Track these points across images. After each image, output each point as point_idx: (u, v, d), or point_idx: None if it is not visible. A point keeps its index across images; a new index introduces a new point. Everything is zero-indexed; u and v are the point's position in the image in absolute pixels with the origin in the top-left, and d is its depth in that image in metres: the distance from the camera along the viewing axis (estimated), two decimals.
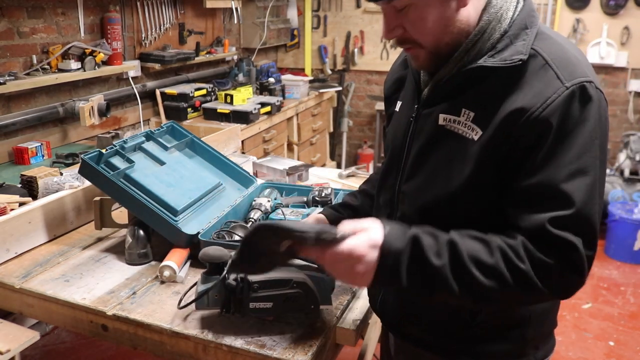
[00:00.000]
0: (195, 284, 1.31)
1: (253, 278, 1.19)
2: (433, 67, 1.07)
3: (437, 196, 1.06)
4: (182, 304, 1.29)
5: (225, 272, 1.20)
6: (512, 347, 1.13)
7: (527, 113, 0.94)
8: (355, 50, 5.16)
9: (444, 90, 1.05)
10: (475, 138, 0.99)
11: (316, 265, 1.28)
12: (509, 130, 0.95)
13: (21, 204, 1.77)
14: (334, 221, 1.36)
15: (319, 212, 1.48)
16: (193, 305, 1.27)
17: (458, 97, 1.03)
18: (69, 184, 1.81)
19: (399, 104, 1.22)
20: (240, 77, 4.21)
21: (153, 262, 1.57)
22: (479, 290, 0.94)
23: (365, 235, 0.95)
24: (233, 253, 1.22)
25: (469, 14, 1.00)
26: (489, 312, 1.09)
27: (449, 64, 1.04)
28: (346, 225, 0.97)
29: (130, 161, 1.69)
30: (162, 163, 1.78)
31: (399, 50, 1.18)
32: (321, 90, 4.64)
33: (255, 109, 3.58)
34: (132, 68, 3.28)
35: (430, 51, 1.03)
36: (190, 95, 3.55)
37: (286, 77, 4.51)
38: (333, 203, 1.64)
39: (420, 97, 1.12)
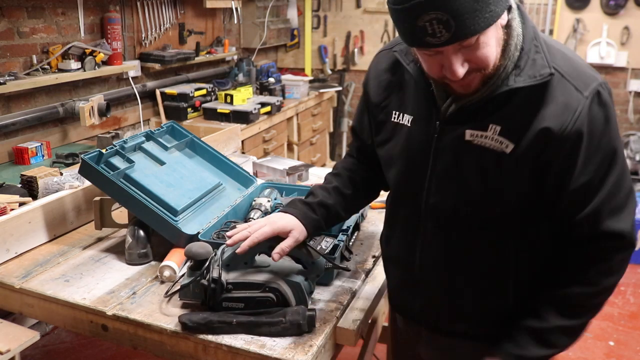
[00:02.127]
0: (183, 275, 1.38)
1: (227, 279, 1.25)
2: (474, 89, 1.06)
3: (470, 207, 1.11)
4: (169, 293, 1.36)
5: (202, 270, 1.26)
6: None
7: (561, 128, 1.01)
8: (355, 50, 5.16)
9: (471, 108, 1.07)
10: (507, 151, 1.04)
11: (302, 266, 1.31)
12: (545, 144, 1.02)
13: (21, 204, 1.77)
14: (310, 225, 1.27)
15: (285, 210, 1.29)
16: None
17: (485, 113, 1.06)
18: (69, 184, 1.81)
19: (402, 116, 1.19)
20: (240, 77, 4.21)
21: (153, 262, 1.57)
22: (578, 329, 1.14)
23: None
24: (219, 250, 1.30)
25: (503, 34, 1.02)
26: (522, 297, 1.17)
27: (486, 86, 1.05)
28: None
29: (130, 161, 1.69)
30: (162, 163, 1.78)
31: None
32: (321, 90, 4.64)
33: (255, 109, 3.58)
34: (132, 68, 3.28)
35: (488, 75, 1.03)
36: (190, 95, 3.55)
37: (286, 77, 4.51)
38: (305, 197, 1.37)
39: (438, 113, 1.12)
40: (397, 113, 1.20)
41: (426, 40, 0.94)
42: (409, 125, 1.18)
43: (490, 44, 0.99)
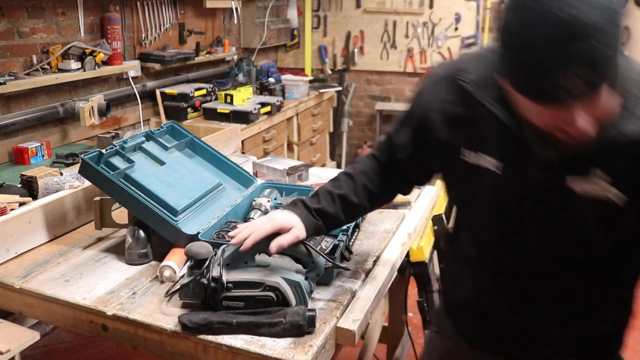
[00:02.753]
0: (183, 275, 1.38)
1: (228, 278, 1.25)
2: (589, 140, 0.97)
3: (570, 252, 1.07)
4: (169, 293, 1.36)
5: (202, 270, 1.26)
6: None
7: None
8: (355, 50, 5.16)
9: (578, 156, 0.97)
10: (620, 203, 0.96)
11: (302, 266, 1.32)
12: None
13: (21, 204, 1.77)
14: (310, 228, 1.27)
15: (287, 209, 1.29)
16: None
17: (591, 161, 0.97)
18: (69, 184, 1.81)
19: (479, 157, 1.09)
20: (240, 77, 4.21)
21: (153, 262, 1.57)
22: None
23: None
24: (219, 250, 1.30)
25: None
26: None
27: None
28: None
29: (130, 161, 1.69)
30: (162, 163, 1.78)
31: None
32: (321, 90, 4.64)
33: (255, 109, 3.58)
34: (132, 68, 3.28)
35: (604, 126, 0.91)
36: (190, 95, 3.55)
37: (286, 77, 4.51)
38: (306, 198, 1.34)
39: (533, 159, 1.01)
40: (471, 153, 1.10)
41: (557, 94, 0.83)
42: (497, 172, 1.07)
43: (610, 93, 0.88)
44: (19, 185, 2.03)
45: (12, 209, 1.70)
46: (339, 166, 5.36)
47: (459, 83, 1.09)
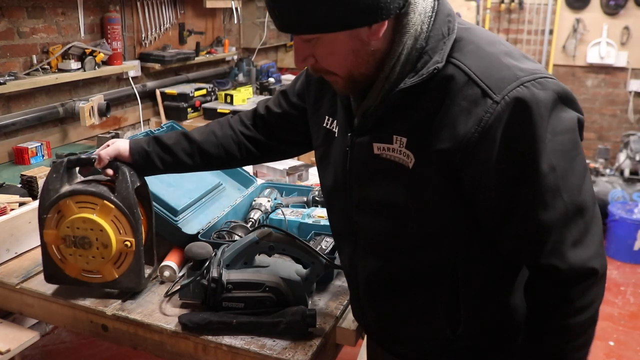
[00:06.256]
0: (183, 275, 1.39)
1: (228, 279, 1.25)
2: (355, 93, 1.02)
3: (386, 229, 1.03)
4: (169, 293, 1.37)
5: (202, 270, 1.27)
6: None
7: (461, 140, 0.89)
8: None
9: (373, 118, 1.00)
10: (410, 165, 0.95)
11: (302, 266, 1.32)
12: (447, 158, 0.91)
13: (21, 204, 1.77)
14: (137, 153, 1.32)
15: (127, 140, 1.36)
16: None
17: (388, 124, 0.98)
18: None
19: (333, 123, 1.13)
20: (241, 77, 4.21)
21: None
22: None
23: None
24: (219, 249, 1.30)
25: (382, 43, 0.93)
26: (469, 327, 1.06)
27: (372, 92, 0.98)
28: None
29: None
30: None
31: None
32: None
33: None
34: (132, 68, 3.28)
35: (346, 79, 0.98)
36: (190, 95, 3.55)
37: (286, 77, 4.51)
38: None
39: (352, 125, 1.05)
40: (329, 119, 1.14)
41: (275, 24, 0.94)
42: (337, 136, 1.11)
43: (334, 51, 0.93)
44: (19, 185, 2.03)
45: (12, 209, 1.70)
46: None
47: None
